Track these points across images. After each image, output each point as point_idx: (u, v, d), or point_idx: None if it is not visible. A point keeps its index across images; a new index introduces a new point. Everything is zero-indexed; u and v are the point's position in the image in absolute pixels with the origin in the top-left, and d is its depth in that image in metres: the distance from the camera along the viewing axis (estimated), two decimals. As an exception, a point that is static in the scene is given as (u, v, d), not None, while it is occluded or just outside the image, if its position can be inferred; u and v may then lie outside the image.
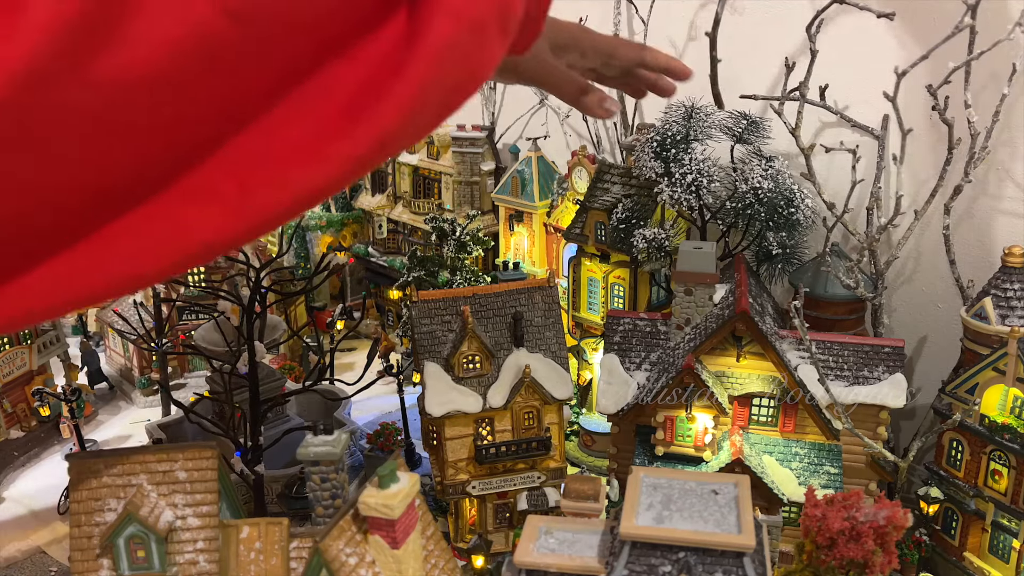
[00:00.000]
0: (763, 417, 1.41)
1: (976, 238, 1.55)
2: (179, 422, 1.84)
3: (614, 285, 1.75)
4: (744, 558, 0.93)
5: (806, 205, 1.53)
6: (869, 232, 1.55)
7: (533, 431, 1.45)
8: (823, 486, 1.35)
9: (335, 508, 1.08)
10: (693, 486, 1.03)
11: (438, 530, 1.13)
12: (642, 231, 1.59)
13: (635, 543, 0.96)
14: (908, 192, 1.55)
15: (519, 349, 1.45)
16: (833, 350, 1.41)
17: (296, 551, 1.06)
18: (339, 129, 0.49)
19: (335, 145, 0.50)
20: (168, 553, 1.04)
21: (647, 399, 1.38)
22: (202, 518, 1.06)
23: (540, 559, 1.01)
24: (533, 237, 2.16)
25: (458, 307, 1.44)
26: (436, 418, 1.40)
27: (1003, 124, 1.43)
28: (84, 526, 1.05)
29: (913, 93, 1.50)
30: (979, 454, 1.34)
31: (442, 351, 1.43)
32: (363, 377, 1.60)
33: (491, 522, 1.52)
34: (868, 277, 1.57)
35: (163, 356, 2.12)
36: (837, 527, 0.94)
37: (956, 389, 1.37)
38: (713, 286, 1.43)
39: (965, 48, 1.40)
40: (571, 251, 1.86)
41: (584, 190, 1.83)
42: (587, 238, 1.75)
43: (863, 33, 1.57)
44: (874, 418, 1.39)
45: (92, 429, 2.16)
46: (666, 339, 1.49)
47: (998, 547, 1.36)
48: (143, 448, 1.10)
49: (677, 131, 1.52)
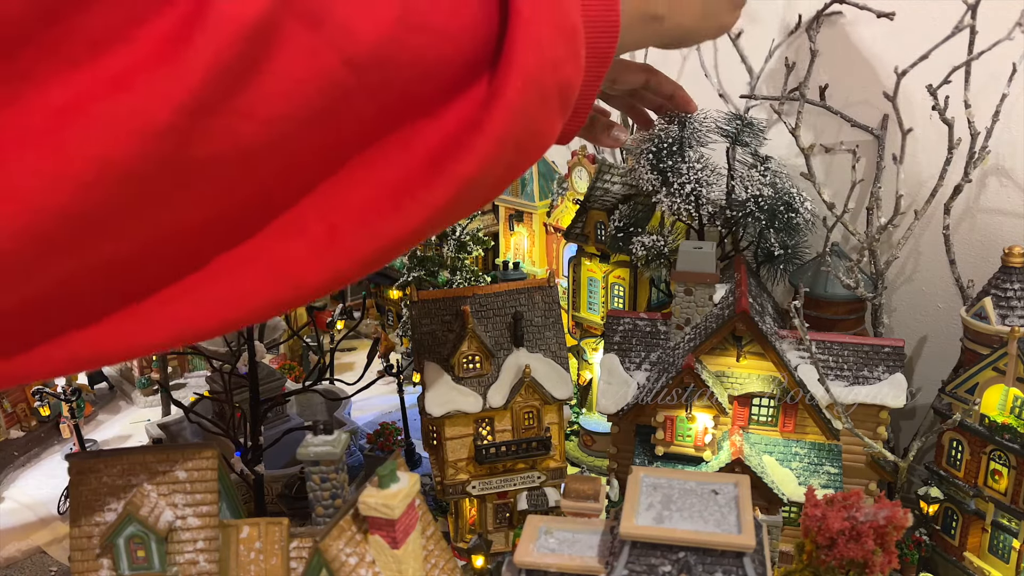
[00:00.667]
0: (763, 417, 1.41)
1: (976, 238, 1.55)
2: (179, 422, 1.84)
3: (614, 285, 1.75)
4: (744, 558, 0.93)
5: (806, 208, 1.53)
6: (869, 232, 1.55)
7: (533, 431, 1.45)
8: (823, 486, 1.35)
9: (335, 508, 1.08)
10: (693, 486, 1.03)
11: (438, 530, 1.13)
12: (640, 238, 1.58)
13: (635, 543, 0.96)
14: (908, 192, 1.55)
15: (519, 349, 1.45)
16: (833, 350, 1.41)
17: (296, 551, 1.06)
18: (422, 180, 0.54)
19: (418, 195, 0.54)
20: (168, 553, 1.04)
21: (647, 399, 1.38)
22: (202, 518, 1.06)
23: (540, 559, 1.01)
24: (533, 237, 2.16)
25: (458, 307, 1.44)
26: (436, 418, 1.40)
27: (1003, 124, 1.43)
28: (84, 526, 1.05)
29: (913, 93, 1.50)
30: (979, 454, 1.34)
31: (442, 351, 1.43)
32: (363, 377, 1.60)
33: (491, 522, 1.52)
34: (868, 277, 1.57)
35: (163, 356, 2.12)
36: (837, 527, 0.93)
37: (956, 389, 1.37)
38: (713, 286, 1.43)
39: (965, 48, 1.40)
40: (571, 251, 1.86)
41: (584, 190, 1.83)
42: (587, 238, 1.75)
43: (863, 33, 1.57)
44: (874, 418, 1.39)
45: (92, 429, 2.16)
46: (666, 339, 1.49)
47: (998, 547, 1.36)
48: (143, 448, 1.10)
49: (673, 141, 1.52)
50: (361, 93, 0.49)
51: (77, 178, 0.40)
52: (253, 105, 0.45)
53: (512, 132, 0.56)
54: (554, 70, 0.57)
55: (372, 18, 0.48)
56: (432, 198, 0.55)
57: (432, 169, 0.55)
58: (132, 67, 0.40)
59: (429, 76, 0.53)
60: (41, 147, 0.39)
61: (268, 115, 0.45)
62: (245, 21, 0.42)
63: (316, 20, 0.45)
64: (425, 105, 0.54)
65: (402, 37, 0.49)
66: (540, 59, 0.56)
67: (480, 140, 0.55)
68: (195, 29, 0.41)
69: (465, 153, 0.55)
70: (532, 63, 0.55)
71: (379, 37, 0.48)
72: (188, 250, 0.49)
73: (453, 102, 0.55)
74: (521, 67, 0.54)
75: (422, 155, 0.54)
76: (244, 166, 0.46)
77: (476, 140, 0.55)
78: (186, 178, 0.45)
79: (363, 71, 0.48)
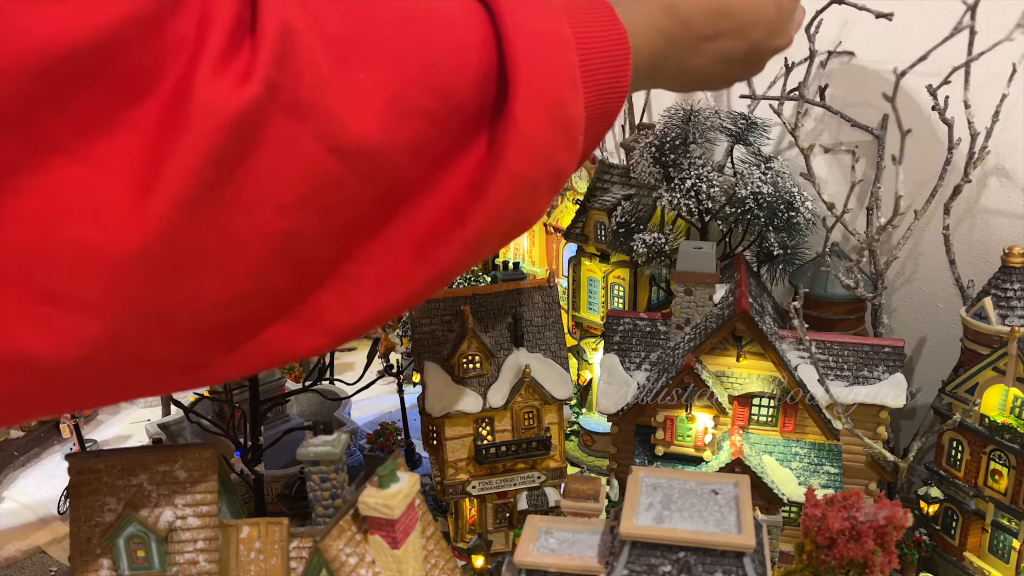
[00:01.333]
0: (763, 417, 1.41)
1: (976, 238, 1.55)
2: (179, 422, 1.84)
3: (614, 285, 1.75)
4: (744, 558, 0.93)
5: (806, 208, 1.53)
6: (869, 232, 1.55)
7: (533, 431, 1.45)
8: (823, 486, 1.35)
9: (335, 508, 1.08)
10: (693, 486, 1.03)
11: (438, 530, 1.13)
12: (642, 236, 1.58)
13: (635, 543, 0.96)
14: (908, 192, 1.55)
15: (519, 349, 1.45)
16: (833, 350, 1.41)
17: (296, 551, 1.06)
18: (406, 268, 0.55)
19: (399, 280, 0.55)
20: (168, 553, 1.04)
21: (647, 399, 1.38)
22: (202, 518, 1.05)
23: (540, 559, 1.01)
24: (533, 237, 2.16)
25: (458, 307, 1.44)
26: (436, 418, 1.40)
27: (1003, 124, 1.43)
28: (84, 526, 1.05)
29: (913, 93, 1.50)
30: (979, 454, 1.34)
31: (442, 351, 1.43)
32: (363, 377, 1.60)
33: (491, 522, 1.52)
34: (868, 277, 1.57)
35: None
36: (837, 527, 0.93)
37: (956, 389, 1.37)
38: (713, 286, 1.43)
39: (965, 48, 1.40)
40: (571, 251, 1.86)
41: (584, 190, 1.83)
42: (587, 238, 1.75)
43: (863, 33, 1.57)
44: (874, 418, 1.39)
45: (92, 429, 2.16)
46: (666, 339, 1.49)
47: (998, 547, 1.36)
48: (143, 448, 1.10)
49: (676, 136, 1.52)
50: (352, 181, 0.49)
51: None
52: (239, 197, 0.44)
53: (496, 225, 0.56)
54: (547, 162, 0.56)
55: (360, 107, 0.47)
56: (411, 286, 0.56)
57: (416, 258, 0.55)
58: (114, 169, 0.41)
59: (420, 159, 0.52)
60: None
61: (254, 205, 0.45)
62: (231, 114, 0.41)
63: (302, 110, 0.45)
64: (417, 186, 0.54)
65: (392, 125, 0.49)
66: (532, 157, 0.55)
67: (462, 233, 0.55)
68: (178, 123, 0.41)
69: (446, 246, 0.55)
70: (523, 163, 0.54)
71: (368, 126, 0.47)
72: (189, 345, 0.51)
73: (438, 191, 0.54)
74: (510, 168, 0.54)
75: (410, 244, 0.55)
76: (235, 255, 0.46)
77: (458, 234, 0.55)
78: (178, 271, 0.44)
79: (352, 160, 0.48)
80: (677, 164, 1.51)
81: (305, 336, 0.54)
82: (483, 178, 0.54)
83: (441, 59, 0.51)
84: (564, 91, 0.56)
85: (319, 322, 0.54)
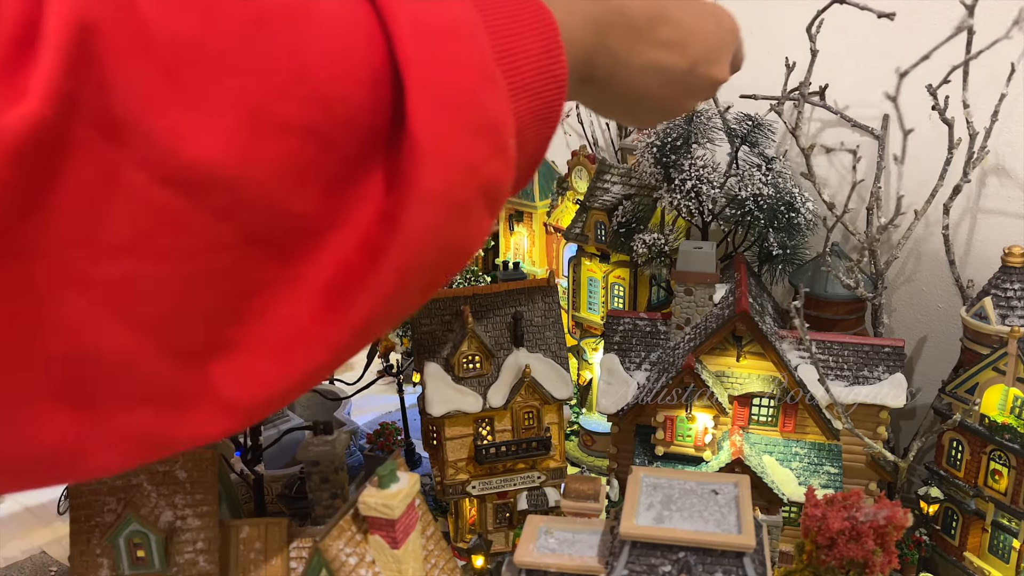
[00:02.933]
0: (763, 417, 1.41)
1: (976, 238, 1.55)
2: (179, 422, 1.84)
3: (614, 285, 1.75)
4: (744, 558, 0.93)
5: (807, 209, 1.53)
6: (869, 232, 1.55)
7: (533, 431, 1.45)
8: (823, 486, 1.35)
9: (335, 508, 1.08)
10: (693, 486, 1.03)
11: (438, 530, 1.13)
12: (642, 236, 1.58)
13: (635, 543, 0.96)
14: (908, 192, 1.55)
15: (519, 349, 1.45)
16: (833, 350, 1.41)
17: (296, 551, 1.06)
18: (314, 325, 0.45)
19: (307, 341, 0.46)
20: (168, 553, 1.04)
21: (647, 399, 1.38)
22: (202, 518, 1.06)
23: (540, 559, 1.01)
24: (533, 237, 2.16)
25: (458, 307, 1.44)
26: (436, 418, 1.40)
27: (1002, 124, 1.43)
28: (84, 526, 1.05)
29: (913, 93, 1.50)
30: (979, 454, 1.34)
31: (442, 351, 1.43)
32: (363, 377, 1.60)
33: (491, 522, 1.52)
34: (868, 277, 1.57)
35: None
36: (837, 527, 0.94)
37: (956, 389, 1.37)
38: (713, 286, 1.43)
39: (964, 48, 1.40)
40: (571, 251, 1.86)
41: (584, 190, 1.83)
42: (587, 238, 1.75)
43: (863, 33, 1.57)
44: (874, 418, 1.39)
45: (92, 429, 2.16)
46: (666, 339, 1.49)
47: (998, 547, 1.36)
48: (143, 448, 1.10)
49: (678, 136, 1.52)
50: (205, 219, 0.39)
51: None
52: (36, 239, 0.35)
53: (419, 260, 0.46)
54: (470, 175, 0.47)
55: (201, 125, 0.38)
56: (326, 343, 0.46)
57: (327, 310, 0.45)
58: None
59: (305, 186, 0.42)
60: None
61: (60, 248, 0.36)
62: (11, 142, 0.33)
63: (117, 129, 0.36)
64: (311, 222, 0.44)
65: (253, 145, 0.39)
66: (447, 173, 0.45)
67: (377, 276, 0.45)
68: None
69: (360, 293, 0.45)
70: (438, 180, 0.45)
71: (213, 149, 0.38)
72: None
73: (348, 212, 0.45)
74: (423, 188, 0.44)
75: (317, 295, 0.45)
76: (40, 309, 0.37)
77: (373, 276, 0.45)
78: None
79: (197, 192, 0.38)
80: (678, 165, 1.51)
81: (194, 418, 0.43)
82: (394, 204, 0.45)
83: (314, 63, 0.41)
84: (476, 87, 0.47)
85: (212, 400, 0.44)
